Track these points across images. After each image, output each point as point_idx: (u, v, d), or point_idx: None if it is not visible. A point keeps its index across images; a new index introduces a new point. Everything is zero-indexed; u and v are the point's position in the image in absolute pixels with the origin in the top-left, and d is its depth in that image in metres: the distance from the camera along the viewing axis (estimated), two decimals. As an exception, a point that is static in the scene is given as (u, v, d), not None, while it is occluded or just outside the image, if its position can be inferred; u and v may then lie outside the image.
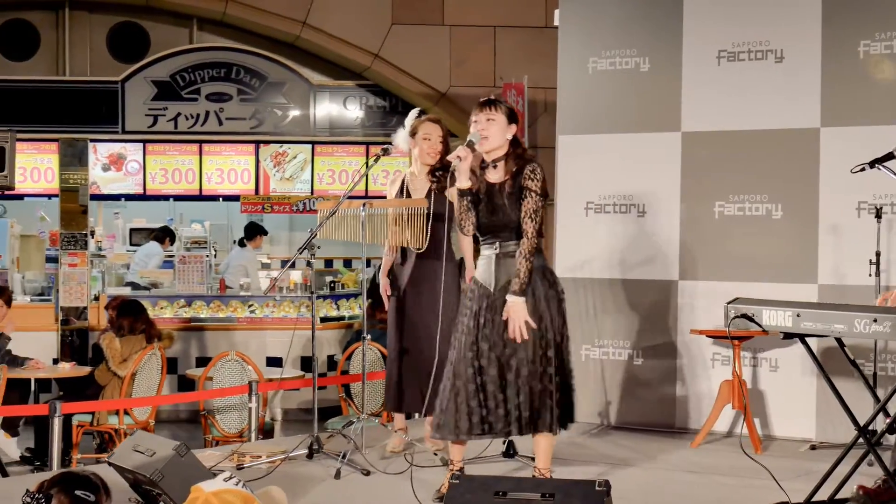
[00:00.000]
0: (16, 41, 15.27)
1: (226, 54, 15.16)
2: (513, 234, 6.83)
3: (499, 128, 6.87)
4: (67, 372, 11.94)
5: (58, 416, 8.55)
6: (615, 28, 9.75)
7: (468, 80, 14.46)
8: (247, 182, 15.44)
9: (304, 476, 7.60)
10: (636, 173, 9.60)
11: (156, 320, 13.91)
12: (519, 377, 6.72)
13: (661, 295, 9.49)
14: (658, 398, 9.50)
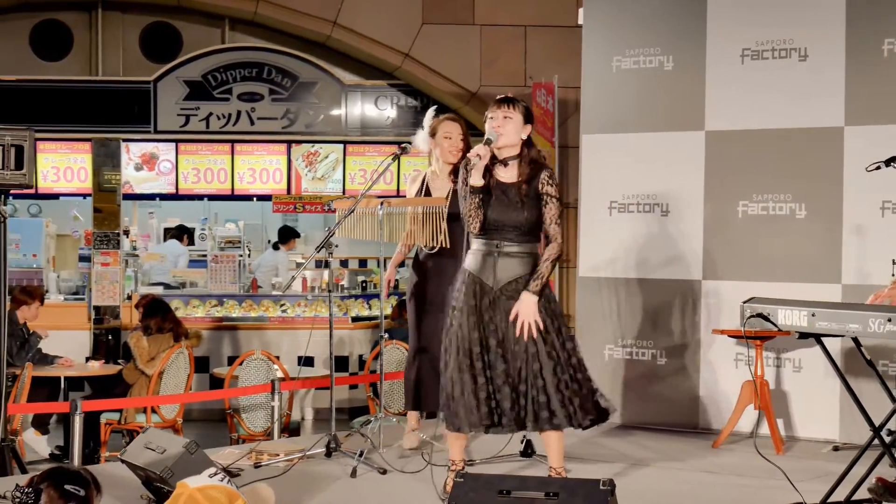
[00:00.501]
0: (49, 41, 15.37)
1: (257, 54, 15.20)
2: (519, 234, 6.80)
3: (514, 126, 6.86)
4: (96, 370, 12.03)
5: (78, 413, 8.58)
6: (639, 26, 9.71)
7: (499, 79, 14.44)
8: (279, 182, 15.47)
9: (321, 474, 7.60)
10: (660, 173, 9.55)
11: (187, 319, 14.05)
12: (528, 373, 6.68)
13: (685, 295, 9.45)
14: (681, 398, 9.45)
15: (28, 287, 12.40)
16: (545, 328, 6.73)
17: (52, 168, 15.13)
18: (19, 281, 15.11)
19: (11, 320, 11.68)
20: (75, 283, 15.68)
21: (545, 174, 6.84)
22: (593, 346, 9.71)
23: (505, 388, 6.70)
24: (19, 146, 7.79)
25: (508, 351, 6.73)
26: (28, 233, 15.57)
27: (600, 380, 9.49)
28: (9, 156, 7.78)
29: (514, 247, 6.82)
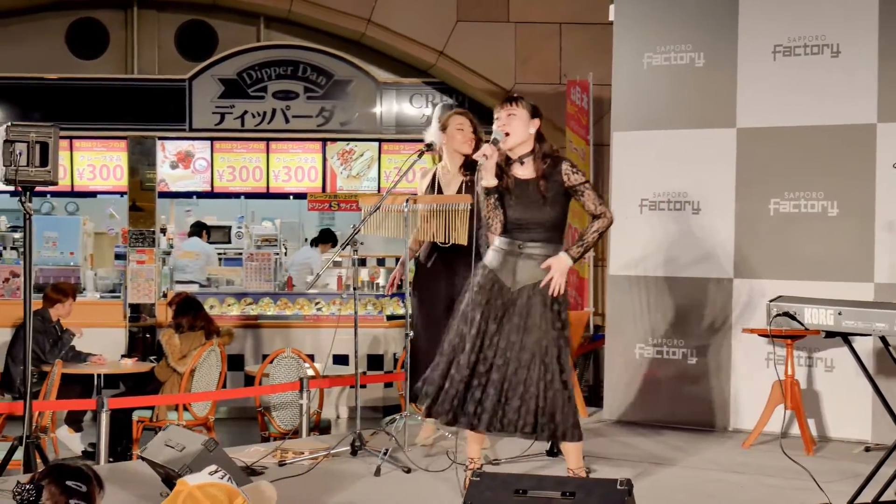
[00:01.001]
0: (85, 40, 15.40)
1: (292, 52, 15.16)
2: (543, 232, 6.77)
3: (520, 122, 6.82)
4: (129, 368, 12.03)
5: (105, 411, 8.58)
6: (670, 23, 9.64)
7: (533, 77, 14.38)
8: (314, 180, 15.44)
9: (345, 473, 7.58)
10: (691, 170, 9.48)
11: (222, 317, 14.07)
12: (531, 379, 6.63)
13: (716, 293, 9.37)
14: (712, 398, 9.38)
15: (60, 284, 12.42)
16: (557, 337, 6.68)
17: (88, 166, 15.16)
18: (56, 278, 15.16)
19: (45, 318, 11.76)
20: (112, 281, 15.71)
21: (566, 166, 6.79)
22: (624, 344, 9.68)
23: (490, 389, 6.66)
24: (44, 143, 7.80)
25: (513, 356, 6.67)
26: (65, 230, 15.61)
27: (630, 379, 9.55)
28: (34, 153, 7.78)
29: (537, 248, 6.78)
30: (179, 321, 11.51)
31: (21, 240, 15.38)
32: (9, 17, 15.25)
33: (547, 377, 6.62)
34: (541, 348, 6.64)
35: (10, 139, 7.74)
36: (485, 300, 6.81)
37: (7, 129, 7.81)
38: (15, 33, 15.31)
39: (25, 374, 8.08)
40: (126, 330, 14.71)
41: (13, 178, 7.76)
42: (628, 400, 9.66)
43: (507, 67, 14.52)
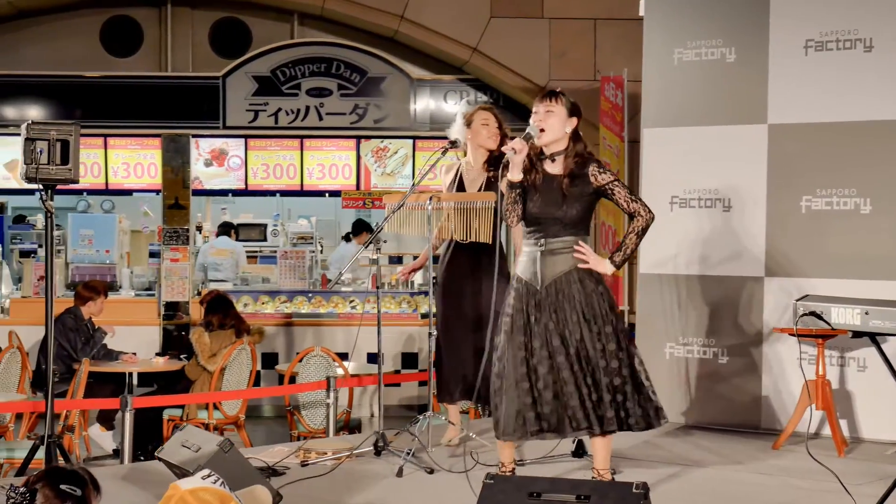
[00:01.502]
0: (120, 37, 15.40)
1: (326, 49, 15.10)
2: (562, 229, 6.67)
3: (558, 120, 6.71)
4: (161, 366, 12.00)
5: (129, 410, 8.54)
6: (701, 18, 9.52)
7: (568, 73, 14.26)
8: (348, 177, 15.37)
9: (367, 473, 7.52)
10: (722, 167, 9.36)
11: (256, 315, 14.05)
12: (574, 376, 6.52)
13: (747, 292, 9.25)
14: (743, 398, 9.26)
15: (91, 282, 12.41)
16: (599, 331, 6.58)
17: (123, 164, 15.15)
18: (92, 276, 15.18)
19: (77, 316, 11.76)
20: (147, 279, 15.72)
21: (593, 167, 6.69)
22: (654, 344, 9.57)
23: (547, 393, 6.55)
24: (65, 141, 7.76)
25: (554, 354, 6.57)
26: (101, 229, 15.61)
27: (661, 379, 9.42)
28: (54, 151, 7.75)
29: (558, 242, 6.69)
30: (209, 319, 11.49)
31: (58, 238, 15.48)
32: (44, 16, 15.29)
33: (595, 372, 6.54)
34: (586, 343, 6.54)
35: (31, 137, 7.71)
36: (519, 307, 6.72)
37: (28, 126, 7.79)
38: (50, 31, 15.35)
39: (47, 373, 8.05)
40: (160, 328, 14.69)
41: (34, 176, 7.72)
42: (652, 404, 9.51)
43: (542, 64, 14.42)
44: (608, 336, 6.57)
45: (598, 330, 6.57)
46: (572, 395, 6.50)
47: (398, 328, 14.18)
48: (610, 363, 6.57)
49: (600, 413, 6.54)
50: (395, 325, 14.16)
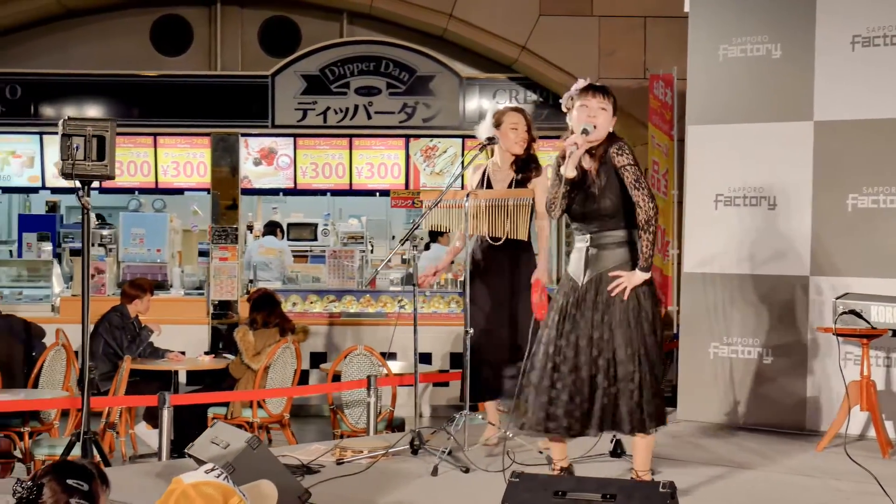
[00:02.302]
0: (169, 37, 15.44)
1: (375, 48, 15.07)
2: (604, 223, 6.58)
3: (607, 118, 6.63)
4: (206, 365, 12.01)
5: (167, 407, 8.52)
6: (746, 13, 9.41)
7: (617, 71, 14.15)
8: (397, 176, 15.32)
9: (402, 472, 7.47)
10: (767, 165, 9.25)
11: (305, 315, 14.04)
12: (608, 375, 6.43)
13: (792, 291, 9.12)
14: (788, 398, 9.13)
15: (137, 280, 12.43)
16: (639, 330, 6.47)
17: (172, 163, 15.19)
18: (143, 275, 15.22)
19: (123, 314, 11.78)
20: (198, 278, 15.76)
21: (613, 148, 6.55)
22: (698, 343, 9.48)
23: (564, 393, 6.46)
24: (101, 137, 7.75)
25: (579, 354, 6.49)
26: (152, 227, 15.67)
27: (705, 379, 9.34)
28: (90, 147, 7.74)
29: (602, 238, 6.62)
30: (254, 317, 11.48)
31: (109, 237, 15.55)
32: (95, 15, 15.36)
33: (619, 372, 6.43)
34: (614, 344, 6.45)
35: (67, 133, 7.71)
36: (561, 303, 6.66)
37: (64, 122, 7.80)
38: (100, 31, 15.41)
39: (83, 369, 8.05)
40: (209, 327, 14.71)
41: (70, 172, 7.72)
42: (702, 401, 9.44)
43: (591, 62, 14.28)
44: (637, 339, 6.45)
45: (631, 332, 6.46)
46: (587, 397, 6.43)
47: (447, 328, 14.12)
48: (629, 367, 6.45)
49: (617, 417, 6.44)
50: (444, 324, 14.12)
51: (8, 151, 15.18)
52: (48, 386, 10.42)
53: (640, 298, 6.53)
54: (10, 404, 9.11)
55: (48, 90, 14.95)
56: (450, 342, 14.21)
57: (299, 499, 6.18)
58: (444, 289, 14.91)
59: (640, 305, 6.51)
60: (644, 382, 6.41)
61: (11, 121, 14.87)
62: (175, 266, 15.88)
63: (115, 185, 15.19)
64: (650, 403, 6.41)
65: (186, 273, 15.98)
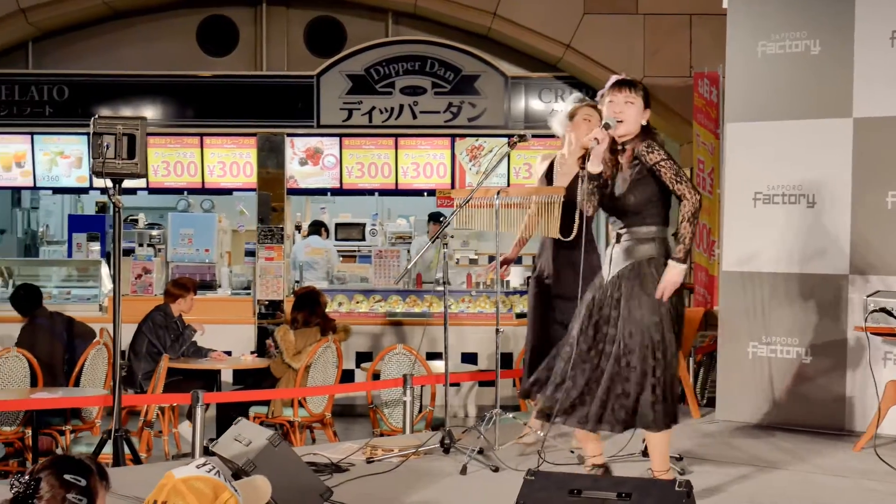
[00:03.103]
0: (215, 37, 15.47)
1: (420, 47, 15.03)
2: (630, 219, 6.55)
3: (636, 111, 6.60)
4: (248, 364, 12.04)
5: (200, 405, 8.54)
6: (785, 9, 9.31)
7: (662, 70, 14.05)
8: (442, 176, 15.26)
9: (432, 471, 7.45)
10: (806, 162, 9.14)
11: (350, 315, 14.05)
12: (626, 370, 6.37)
13: (832, 290, 9.01)
14: (827, 398, 9.01)
15: (180, 280, 12.48)
16: (660, 327, 6.41)
17: (219, 163, 15.22)
18: (192, 275, 15.29)
19: (166, 313, 11.82)
20: (246, 278, 15.79)
21: (642, 147, 6.52)
22: (736, 343, 9.39)
23: (602, 383, 6.42)
24: (131, 135, 7.77)
25: (593, 347, 6.44)
26: (201, 228, 15.72)
27: (743, 379, 9.25)
28: (121, 145, 7.76)
29: (630, 234, 6.57)
30: (295, 316, 11.50)
31: (158, 237, 15.62)
32: (142, 16, 15.41)
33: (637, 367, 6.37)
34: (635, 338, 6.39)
35: (98, 131, 7.74)
36: (589, 297, 6.63)
37: (95, 121, 7.82)
38: (147, 31, 15.46)
39: (114, 369, 8.08)
40: (255, 326, 14.75)
41: (100, 170, 7.75)
42: (741, 400, 9.35)
43: (636, 60, 14.20)
44: (657, 336, 6.38)
45: (651, 328, 6.39)
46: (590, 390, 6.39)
47: (493, 328, 14.03)
48: (648, 362, 6.38)
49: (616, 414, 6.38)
50: (490, 324, 14.05)
51: (56, 152, 15.26)
52: (89, 384, 10.49)
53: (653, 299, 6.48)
54: (46, 402, 9.15)
55: (95, 91, 15.03)
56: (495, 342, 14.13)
57: (321, 497, 6.17)
58: (490, 288, 14.87)
59: (665, 302, 6.45)
60: (660, 379, 6.35)
61: (59, 121, 14.96)
62: (223, 266, 15.93)
63: (162, 185, 15.33)
64: (665, 401, 6.36)
65: (235, 273, 16.02)
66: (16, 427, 9.91)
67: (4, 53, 15.29)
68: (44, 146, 15.20)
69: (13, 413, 9.81)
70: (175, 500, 4.20)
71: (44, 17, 14.78)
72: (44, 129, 15.14)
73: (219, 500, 4.23)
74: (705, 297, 12.74)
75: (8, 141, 15.25)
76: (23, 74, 15.18)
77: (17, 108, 15.08)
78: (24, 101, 15.07)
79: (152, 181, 15.24)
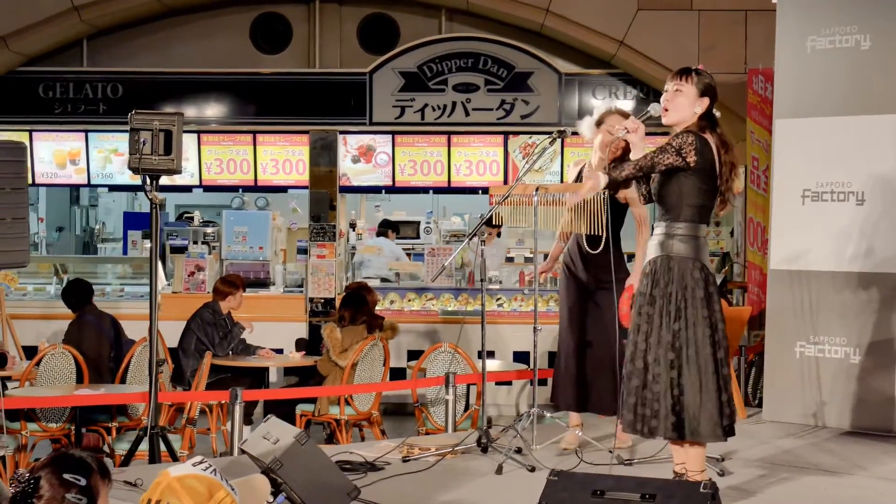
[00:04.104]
0: (269, 34, 15.46)
1: (472, 44, 14.93)
2: (664, 213, 6.40)
3: (686, 100, 6.40)
4: (296, 362, 12.01)
5: (239, 402, 8.50)
6: (835, 4, 9.17)
7: (717, 66, 13.63)
8: (495, 174, 15.16)
9: (468, 470, 7.39)
10: (855, 159, 9.00)
11: (402, 313, 14.01)
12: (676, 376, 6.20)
13: (881, 288, 8.85)
14: (876, 400, 8.85)
15: (229, 277, 12.48)
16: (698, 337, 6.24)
17: (272, 160, 15.21)
18: (246, 273, 15.30)
19: (215, 311, 11.82)
20: (300, 276, 15.77)
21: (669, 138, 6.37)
22: (784, 342, 9.26)
23: (646, 393, 6.26)
24: (168, 131, 7.73)
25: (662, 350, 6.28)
26: (255, 225, 15.72)
27: (791, 379, 9.09)
28: (157, 141, 7.73)
29: (661, 227, 6.44)
30: (342, 314, 11.45)
31: (212, 234, 15.63)
32: (195, 13, 15.43)
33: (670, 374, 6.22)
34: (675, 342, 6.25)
35: (135, 127, 7.71)
36: (638, 301, 6.50)
37: (132, 116, 7.80)
38: (201, 28, 15.48)
39: (151, 366, 8.05)
40: (307, 324, 14.72)
41: (136, 166, 7.72)
42: (788, 401, 9.22)
43: (690, 57, 13.98)
44: (683, 336, 6.23)
45: (678, 328, 6.24)
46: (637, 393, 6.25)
47: (545, 326, 13.93)
48: (674, 364, 6.22)
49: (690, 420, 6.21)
50: (543, 323, 13.95)
51: (110, 150, 15.32)
52: (135, 382, 10.49)
53: (710, 299, 6.31)
54: (86, 398, 9.16)
55: (148, 89, 15.05)
56: (548, 341, 14.01)
57: (348, 495, 6.10)
58: (543, 287, 14.76)
59: (711, 306, 6.29)
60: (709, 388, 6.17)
61: (113, 119, 14.95)
62: (278, 264, 15.92)
63: (215, 182, 15.35)
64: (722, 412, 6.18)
65: (289, 271, 16.01)
66: (62, 424, 9.91)
67: (59, 51, 15.37)
68: (98, 143, 15.26)
69: (59, 410, 9.82)
70: (169, 498, 4.15)
71: (97, 14, 14.82)
72: (98, 126, 15.20)
73: (214, 498, 4.18)
74: (759, 295, 12.57)
75: (63, 139, 15.33)
76: (77, 72, 15.24)
77: (71, 105, 15.14)
78: (78, 98, 15.13)
79: (205, 179, 15.28)
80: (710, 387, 6.16)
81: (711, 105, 6.44)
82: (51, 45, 15.20)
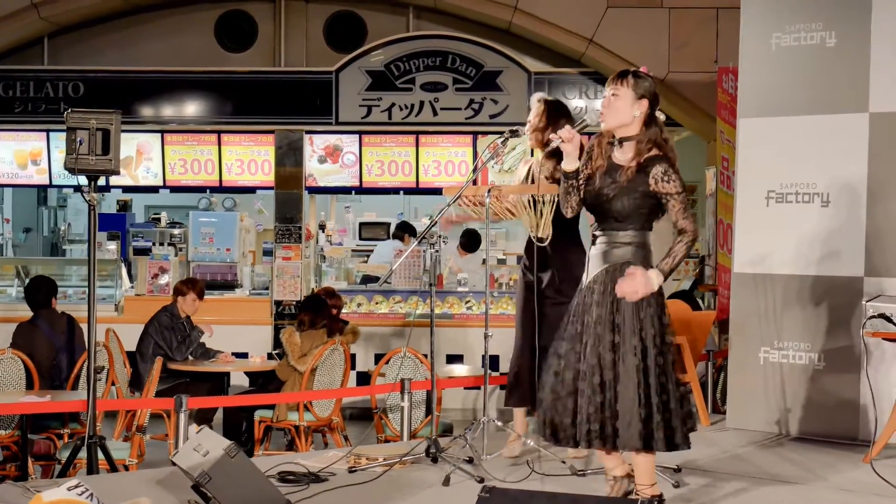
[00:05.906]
0: (234, 32, 15.22)
1: (441, 42, 14.70)
2: (615, 223, 6.13)
3: (623, 104, 6.14)
4: (256, 366, 11.82)
5: (184, 410, 8.24)
6: (800, 0, 8.92)
7: (688, 65, 13.67)
8: (464, 174, 14.91)
9: (414, 481, 7.14)
10: (820, 159, 8.77)
11: (370, 315, 13.80)
12: (604, 386, 5.96)
13: (846, 293, 8.60)
14: (840, 407, 8.62)
15: (187, 279, 12.27)
16: (645, 343, 5.99)
17: (237, 161, 14.99)
18: (213, 275, 15.09)
19: (173, 314, 11.61)
20: (267, 278, 15.54)
21: (658, 169, 6.02)
22: (748, 348, 9.04)
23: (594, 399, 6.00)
24: (105, 130, 7.49)
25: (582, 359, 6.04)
26: (222, 226, 15.49)
27: (755, 386, 8.87)
28: (95, 141, 7.48)
29: (606, 237, 6.18)
30: (301, 318, 11.26)
31: (179, 236, 15.39)
32: (159, 11, 15.22)
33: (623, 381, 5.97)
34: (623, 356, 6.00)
35: (72, 126, 7.46)
36: (575, 303, 6.26)
37: (68, 115, 7.56)
38: (165, 26, 15.26)
39: (89, 373, 7.81)
40: (272, 327, 14.49)
41: (73, 166, 7.47)
42: (751, 408, 9.00)
43: (660, 55, 13.80)
44: (633, 348, 5.97)
45: (621, 340, 5.99)
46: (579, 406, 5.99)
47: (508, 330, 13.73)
48: (621, 377, 5.97)
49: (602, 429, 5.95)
50: (510, 326, 13.72)
51: (72, 150, 15.06)
52: (87, 387, 10.24)
53: (653, 302, 6.08)
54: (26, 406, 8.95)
55: (110, 88, 14.80)
56: (507, 344, 13.80)
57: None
58: (512, 290, 14.53)
59: (654, 309, 6.06)
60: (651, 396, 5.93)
61: (75, 118, 14.73)
62: (246, 266, 15.69)
63: (179, 183, 15.12)
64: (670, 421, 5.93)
65: (257, 273, 15.78)
66: (10, 430, 9.68)
67: (20, 49, 15.15)
68: (60, 144, 14.97)
69: (8, 417, 9.59)
70: (41, 523, 3.92)
71: (56, 11, 14.58)
72: (60, 126, 14.81)
73: (87, 524, 3.95)
74: (730, 299, 12.35)
75: (24, 139, 15.14)
76: (38, 71, 15.02)
77: (32, 104, 14.91)
78: (39, 97, 14.90)
79: (169, 179, 15.09)
80: (637, 394, 5.90)
81: (652, 107, 6.20)
82: (11, 43, 14.96)
